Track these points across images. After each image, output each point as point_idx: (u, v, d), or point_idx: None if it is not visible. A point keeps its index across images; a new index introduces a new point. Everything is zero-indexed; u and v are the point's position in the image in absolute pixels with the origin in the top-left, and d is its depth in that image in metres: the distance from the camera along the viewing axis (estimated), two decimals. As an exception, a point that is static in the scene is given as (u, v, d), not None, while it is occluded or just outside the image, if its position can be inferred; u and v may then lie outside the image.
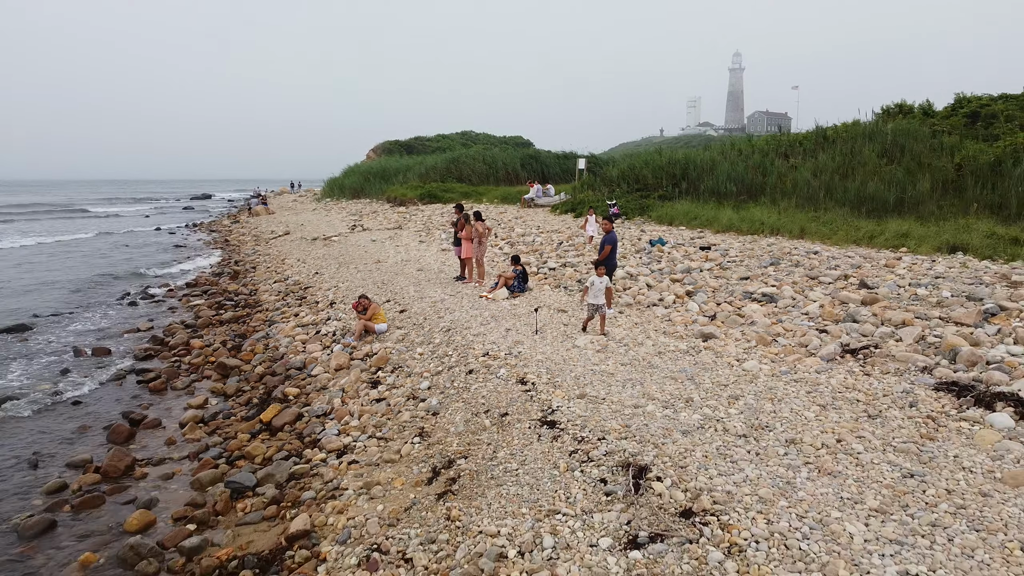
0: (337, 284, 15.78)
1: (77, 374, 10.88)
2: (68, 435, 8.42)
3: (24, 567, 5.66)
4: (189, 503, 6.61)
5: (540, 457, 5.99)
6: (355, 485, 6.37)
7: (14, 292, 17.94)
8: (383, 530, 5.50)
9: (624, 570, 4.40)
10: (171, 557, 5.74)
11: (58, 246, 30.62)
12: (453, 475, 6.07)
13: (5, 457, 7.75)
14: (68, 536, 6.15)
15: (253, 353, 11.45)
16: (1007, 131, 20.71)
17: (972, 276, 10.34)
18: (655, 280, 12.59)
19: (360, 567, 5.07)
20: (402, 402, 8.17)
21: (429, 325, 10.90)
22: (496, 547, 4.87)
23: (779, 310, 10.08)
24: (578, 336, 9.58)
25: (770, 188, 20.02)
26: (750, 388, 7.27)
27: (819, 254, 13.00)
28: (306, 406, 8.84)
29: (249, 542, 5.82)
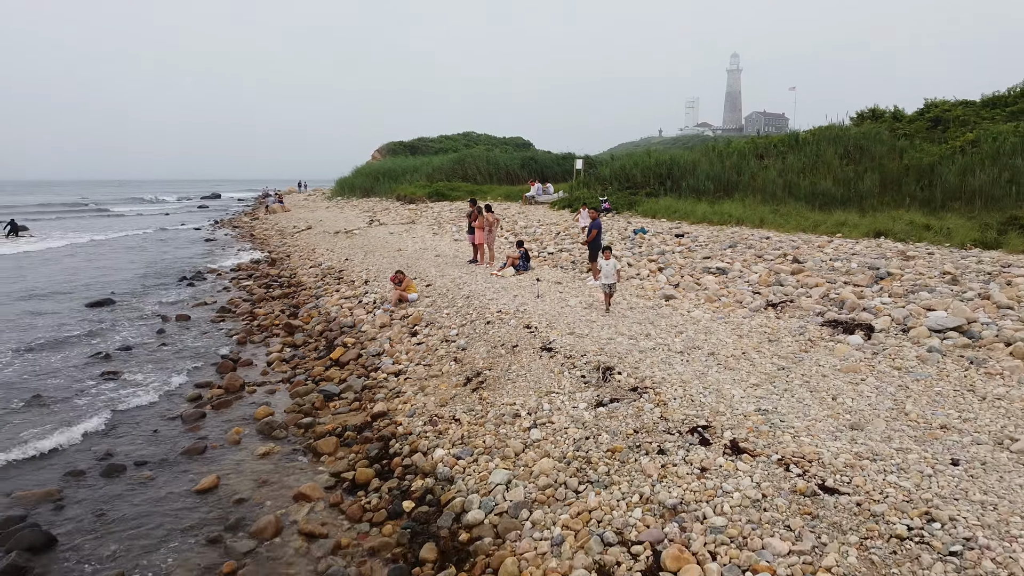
0: (367, 267, 18.54)
1: (172, 332, 13.64)
2: (187, 368, 11.20)
3: (194, 436, 8.43)
4: (293, 404, 9.38)
5: (541, 367, 8.77)
6: (412, 389, 9.16)
7: (87, 279, 20.69)
8: (437, 408, 8.29)
9: (593, 417, 7.15)
10: (292, 430, 8.52)
11: (105, 242, 33.35)
12: (481, 379, 8.85)
13: (151, 379, 10.53)
14: (216, 422, 8.93)
15: (310, 317, 14.23)
16: (952, 136, 23.52)
17: (879, 253, 13.11)
18: (635, 260, 15.37)
19: (425, 425, 7.86)
20: (437, 344, 10.93)
21: (452, 294, 13.66)
22: (513, 410, 7.65)
23: (728, 280, 12.85)
24: (571, 297, 12.36)
25: (743, 186, 22.77)
26: (692, 327, 10.05)
27: (770, 239, 15.78)
28: (363, 349, 11.61)
29: (345, 421, 8.60)
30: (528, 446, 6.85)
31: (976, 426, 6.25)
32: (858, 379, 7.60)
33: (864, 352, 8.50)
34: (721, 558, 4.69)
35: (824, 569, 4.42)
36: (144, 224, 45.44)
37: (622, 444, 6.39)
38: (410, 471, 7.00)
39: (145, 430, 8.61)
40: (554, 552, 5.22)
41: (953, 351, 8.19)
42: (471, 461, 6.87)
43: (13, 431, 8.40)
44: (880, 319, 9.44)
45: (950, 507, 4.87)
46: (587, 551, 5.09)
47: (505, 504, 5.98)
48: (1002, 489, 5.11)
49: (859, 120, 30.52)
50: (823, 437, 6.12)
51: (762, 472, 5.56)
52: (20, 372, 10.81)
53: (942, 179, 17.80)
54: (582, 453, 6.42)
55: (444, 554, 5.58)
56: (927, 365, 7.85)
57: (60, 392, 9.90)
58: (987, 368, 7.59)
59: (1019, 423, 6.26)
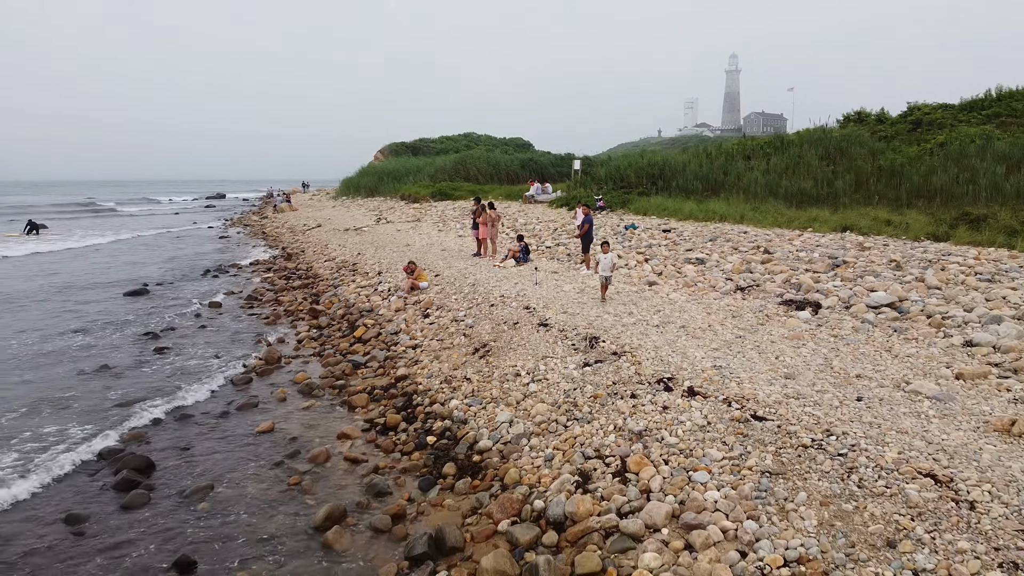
0: (379, 260, 20.11)
1: (207, 317, 15.22)
2: (228, 343, 12.77)
3: (246, 395, 9.99)
4: (326, 372, 10.95)
5: (538, 338, 10.33)
6: (428, 358, 10.74)
7: (118, 273, 22.26)
8: (450, 371, 9.86)
9: (580, 374, 8.71)
10: (328, 391, 10.09)
11: (126, 240, 34.93)
12: (488, 349, 10.42)
13: (199, 352, 12.12)
14: (262, 385, 10.51)
15: (331, 303, 15.81)
16: (924, 139, 25.11)
17: (841, 245, 14.69)
18: (624, 252, 16.94)
19: (442, 383, 9.44)
20: (448, 323, 12.50)
21: (459, 283, 15.23)
22: (514, 370, 9.22)
23: (705, 268, 14.43)
24: (565, 286, 13.93)
25: (729, 185, 24.34)
26: (669, 307, 11.63)
27: (747, 233, 17.35)
28: (382, 329, 13.19)
29: (372, 383, 10.18)
30: (527, 396, 8.42)
31: (884, 375, 7.82)
32: (800, 344, 9.18)
33: (810, 324, 10.08)
34: (671, 463, 6.27)
35: (747, 467, 5.98)
36: (157, 223, 47.01)
37: (603, 392, 7.96)
38: (431, 416, 8.58)
39: (200, 394, 10.17)
40: (547, 464, 6.80)
41: (883, 323, 9.77)
42: (481, 408, 8.45)
43: (92, 393, 9.97)
44: (829, 299, 11.01)
45: (845, 427, 6.44)
46: (572, 462, 6.67)
47: (509, 436, 7.55)
48: (888, 415, 6.68)
49: (845, 122, 32.11)
50: (762, 384, 7.68)
51: (710, 408, 7.13)
52: (84, 348, 12.39)
53: (908, 179, 19.36)
54: (570, 399, 7.99)
55: (461, 470, 7.17)
56: (859, 333, 9.43)
57: (123, 362, 11.48)
58: (906, 335, 9.17)
59: (917, 372, 7.83)
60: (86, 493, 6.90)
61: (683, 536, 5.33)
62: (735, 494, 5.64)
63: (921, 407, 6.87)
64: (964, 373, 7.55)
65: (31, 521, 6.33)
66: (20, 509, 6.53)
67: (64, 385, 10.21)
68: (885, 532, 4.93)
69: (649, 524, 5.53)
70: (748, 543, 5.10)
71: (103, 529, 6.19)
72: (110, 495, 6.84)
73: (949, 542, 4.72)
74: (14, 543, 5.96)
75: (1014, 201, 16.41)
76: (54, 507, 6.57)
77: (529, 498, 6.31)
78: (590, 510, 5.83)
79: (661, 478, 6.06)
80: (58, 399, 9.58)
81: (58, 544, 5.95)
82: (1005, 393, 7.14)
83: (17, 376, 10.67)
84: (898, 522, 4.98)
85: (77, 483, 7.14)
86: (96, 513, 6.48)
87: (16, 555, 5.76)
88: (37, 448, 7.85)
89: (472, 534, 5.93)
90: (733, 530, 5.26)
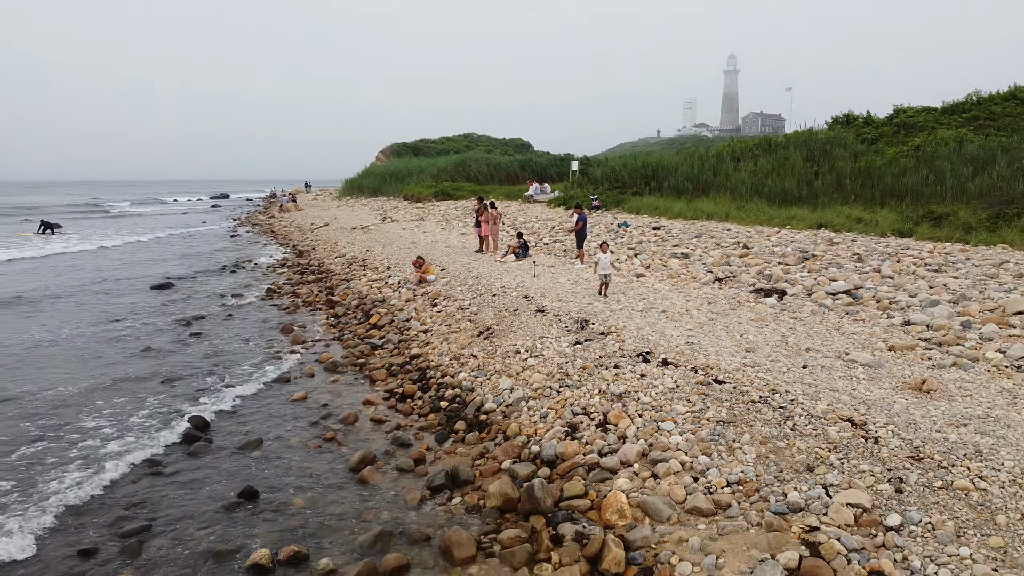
0: (387, 256, 21.45)
1: (232, 306, 16.56)
2: (255, 329, 14.12)
3: (278, 371, 11.34)
4: (347, 352, 12.30)
5: (535, 322, 11.68)
6: (438, 340, 12.09)
7: (141, 270, 23.61)
8: (458, 351, 11.21)
9: (572, 351, 10.05)
10: (351, 368, 11.44)
11: (142, 241, 36.26)
12: (491, 332, 11.77)
13: (231, 334, 13.47)
14: (292, 362, 11.86)
15: (346, 295, 17.15)
16: (906, 141, 26.47)
17: (812, 241, 16.05)
18: (616, 248, 18.29)
19: (451, 360, 10.80)
20: (455, 311, 13.84)
21: (463, 276, 16.57)
22: (515, 348, 10.57)
23: (689, 262, 15.78)
24: (561, 278, 15.29)
25: (717, 185, 25.70)
26: (653, 295, 12.98)
27: (731, 230, 18.70)
28: (395, 316, 14.53)
29: (389, 362, 11.53)
30: (526, 368, 9.77)
31: (829, 348, 9.17)
32: (763, 325, 10.53)
33: (775, 309, 11.43)
34: (644, 416, 7.61)
35: (705, 418, 7.32)
36: (169, 223, 48.29)
37: (591, 364, 9.30)
38: (443, 386, 9.94)
39: (239, 370, 11.51)
40: (542, 420, 8.15)
41: (838, 307, 11.12)
42: (486, 379, 9.80)
43: (143, 370, 11.32)
44: (795, 288, 12.37)
45: (789, 387, 7.78)
46: (562, 418, 8.02)
47: (510, 399, 8.90)
48: (825, 379, 8.03)
49: (833, 124, 33.48)
50: (725, 356, 9.03)
51: (680, 374, 8.47)
52: (127, 333, 13.74)
53: (882, 180, 20.71)
54: (563, 371, 9.34)
55: (470, 426, 8.52)
56: (815, 316, 10.79)
57: (164, 344, 12.84)
58: (856, 317, 10.53)
59: (858, 346, 9.19)
60: (157, 441, 8.25)
61: (650, 468, 6.67)
62: (694, 437, 6.99)
63: (855, 372, 8.22)
64: (895, 346, 8.90)
65: (119, 458, 7.67)
66: (111, 457, 7.87)
67: (118, 364, 11.57)
68: (807, 460, 6.28)
69: (624, 460, 6.88)
70: (700, 471, 6.44)
71: (177, 470, 7.54)
72: (177, 446, 8.19)
73: (854, 466, 6.07)
74: (106, 474, 7.30)
75: (976, 200, 17.76)
76: (139, 452, 7.91)
77: (527, 444, 7.67)
78: (576, 451, 7.19)
79: (635, 427, 7.41)
80: (118, 376, 10.92)
81: (144, 480, 7.30)
82: (927, 361, 8.49)
83: (77, 357, 12.03)
84: (818, 453, 6.33)
85: (150, 433, 8.49)
86: (169, 459, 7.83)
87: (116, 491, 7.10)
88: (114, 417, 9.20)
89: (480, 471, 7.29)
90: (690, 463, 6.60)
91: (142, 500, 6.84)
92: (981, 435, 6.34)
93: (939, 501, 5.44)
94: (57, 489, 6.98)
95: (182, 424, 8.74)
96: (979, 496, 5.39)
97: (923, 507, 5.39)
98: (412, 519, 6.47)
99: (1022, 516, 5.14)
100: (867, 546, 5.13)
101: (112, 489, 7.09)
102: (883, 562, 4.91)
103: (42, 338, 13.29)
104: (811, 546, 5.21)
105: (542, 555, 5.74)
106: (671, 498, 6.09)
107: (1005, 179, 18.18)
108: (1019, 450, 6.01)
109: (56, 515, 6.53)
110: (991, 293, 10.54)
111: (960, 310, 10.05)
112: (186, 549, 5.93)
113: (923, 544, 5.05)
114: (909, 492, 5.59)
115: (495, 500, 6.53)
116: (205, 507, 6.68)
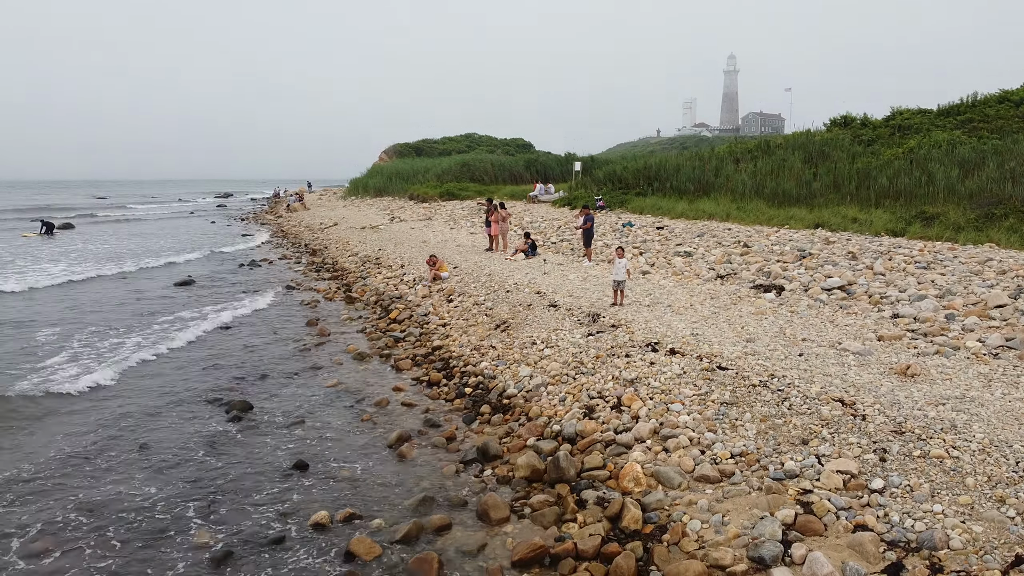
0: (400, 255, 22.22)
1: (257, 296, 17.32)
2: (281, 323, 14.89)
3: (307, 363, 12.11)
4: (371, 344, 13.07)
5: (549, 316, 12.45)
6: (457, 332, 12.86)
7: (163, 269, 24.37)
8: (478, 342, 11.98)
9: (585, 342, 10.82)
10: (377, 358, 12.21)
11: (163, 240, 37.02)
12: (507, 325, 12.54)
13: (263, 331, 14.25)
14: (320, 352, 12.63)
15: (363, 292, 17.92)
16: (902, 143, 27.23)
17: (810, 240, 16.83)
18: (622, 247, 19.07)
19: (472, 351, 11.57)
20: (471, 306, 14.61)
21: (476, 273, 17.34)
22: (530, 339, 11.34)
23: (692, 260, 16.55)
24: (570, 274, 16.06)
25: (718, 186, 26.48)
26: (659, 291, 13.75)
27: (731, 230, 19.47)
28: (413, 311, 15.30)
29: (413, 352, 12.30)
30: (543, 358, 10.54)
31: (824, 338, 9.95)
32: (762, 318, 11.31)
33: (773, 303, 12.21)
34: (655, 399, 8.38)
35: (711, 400, 8.09)
36: (182, 226, 48.25)
37: (603, 354, 10.08)
38: (466, 374, 10.71)
39: (272, 360, 12.28)
40: (561, 403, 8.92)
41: (833, 302, 11.90)
42: (506, 367, 10.58)
43: (186, 359, 12.08)
44: (792, 283, 13.15)
45: (786, 372, 8.55)
46: (579, 401, 8.80)
47: (530, 385, 9.68)
48: (819, 365, 8.81)
49: (831, 126, 34.25)
50: (727, 345, 9.80)
51: (686, 362, 9.24)
52: (171, 326, 14.50)
53: (876, 181, 21.49)
54: (577, 360, 10.11)
55: (495, 409, 9.30)
56: (811, 309, 11.57)
57: (199, 336, 13.59)
58: (849, 310, 11.31)
59: (850, 336, 9.96)
60: (207, 423, 9.02)
61: (661, 444, 7.44)
62: (700, 417, 7.76)
63: (846, 359, 9.00)
64: (884, 336, 9.68)
65: (176, 435, 8.45)
66: (166, 431, 8.65)
67: (165, 356, 12.35)
68: (802, 435, 7.05)
69: (637, 437, 7.66)
70: (707, 445, 7.22)
71: (230, 445, 8.31)
72: (227, 425, 8.96)
73: (843, 439, 6.85)
74: (166, 451, 8.07)
75: (967, 201, 18.54)
76: (192, 432, 8.69)
77: (548, 424, 8.45)
78: (594, 429, 7.97)
79: (647, 408, 8.18)
80: (155, 371, 11.69)
81: (196, 452, 8.07)
82: (912, 350, 9.26)
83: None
84: (811, 428, 7.11)
85: (200, 416, 9.27)
86: (220, 436, 8.60)
87: (172, 459, 7.87)
88: (171, 398, 9.99)
89: (508, 447, 8.07)
90: (697, 438, 7.38)
91: (202, 475, 7.60)
92: (957, 412, 7.11)
93: (917, 468, 6.21)
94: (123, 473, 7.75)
95: (224, 409, 9.50)
96: (952, 463, 6.17)
97: (903, 472, 6.16)
98: (450, 487, 7.25)
99: (988, 479, 5.91)
100: (854, 505, 5.90)
101: (171, 470, 7.83)
102: (867, 518, 5.68)
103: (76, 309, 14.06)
104: (805, 505, 5.98)
105: (568, 516, 6.51)
106: (681, 468, 6.86)
107: (994, 181, 18.95)
108: (989, 425, 6.79)
109: (126, 493, 7.31)
110: (975, 288, 11.31)
111: (945, 304, 10.83)
112: (254, 512, 6.70)
113: (902, 503, 5.82)
114: (891, 460, 6.36)
115: (523, 471, 7.30)
116: (262, 477, 7.45)
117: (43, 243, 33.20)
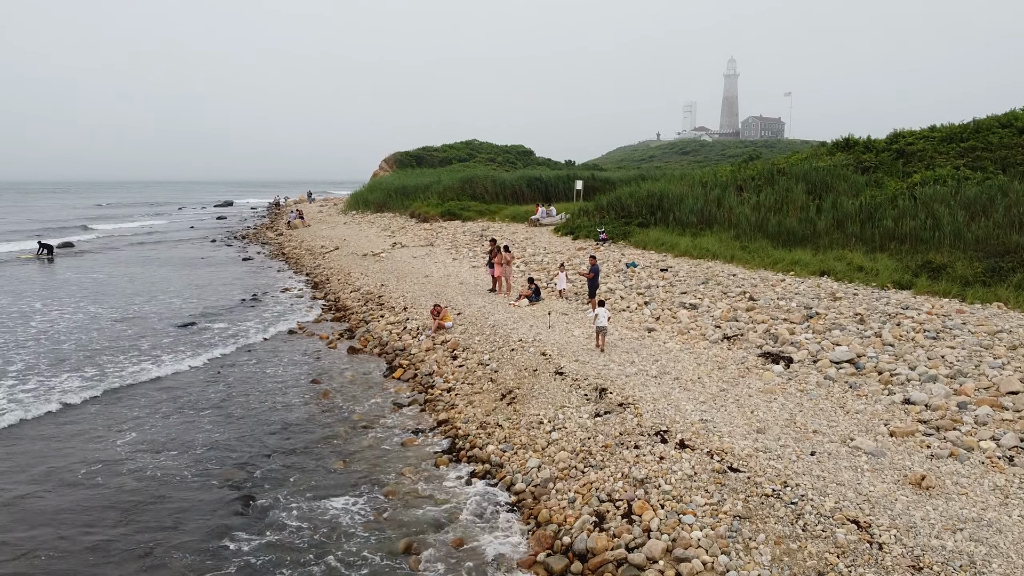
0: (403, 293, 22.10)
1: (261, 350, 17.22)
2: (282, 382, 14.79)
3: (316, 427, 12.00)
4: (376, 415, 12.97)
5: (555, 387, 12.35)
6: (463, 402, 12.77)
7: (161, 304, 24.23)
8: (484, 417, 11.89)
9: (592, 424, 10.73)
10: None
11: (165, 268, 36.88)
12: (513, 396, 12.44)
13: (268, 373, 14.16)
14: (329, 420, 12.53)
15: (367, 341, 17.82)
16: (906, 171, 27.13)
17: (815, 293, 16.73)
18: (626, 293, 18.98)
19: (478, 429, 11.47)
20: (475, 366, 14.51)
21: (479, 323, 17.24)
22: (538, 419, 11.24)
23: (697, 314, 16.46)
24: (575, 330, 15.96)
25: (721, 219, 26.37)
26: (665, 356, 13.65)
27: (736, 276, 19.38)
28: (417, 370, 15.19)
29: (419, 423, 12.20)
30: (550, 443, 10.45)
31: (835, 431, 9.86)
32: (772, 398, 11.22)
33: (782, 378, 12.11)
34: (666, 507, 8.28)
35: (723, 512, 8.00)
36: (185, 249, 45.72)
37: (611, 442, 9.98)
38: (473, 459, 10.62)
39: (286, 399, 12.18)
40: (570, 506, 8.82)
41: (841, 378, 11.80)
42: (512, 453, 10.48)
43: (204, 378, 11.99)
44: (800, 352, 13.05)
45: (798, 478, 8.46)
46: (589, 504, 8.70)
47: (538, 479, 9.58)
48: (832, 468, 8.71)
49: (833, 149, 34.18)
50: (737, 438, 9.70)
51: (696, 459, 9.14)
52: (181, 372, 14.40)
53: (881, 223, 21.37)
54: (586, 448, 10.01)
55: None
56: (820, 388, 11.48)
57: (202, 379, 13.50)
58: (858, 391, 11.21)
59: (861, 429, 9.87)
60: (218, 520, 8.94)
61: (675, 567, 7.34)
62: (713, 533, 7.67)
63: (859, 461, 8.90)
64: (896, 431, 9.59)
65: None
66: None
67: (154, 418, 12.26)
68: (817, 566, 6.96)
69: (649, 557, 7.56)
70: (721, 572, 7.12)
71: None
72: (239, 519, 8.87)
73: (861, 574, 6.75)
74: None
75: (973, 249, 18.44)
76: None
77: (559, 534, 8.35)
78: (606, 545, 7.87)
79: (658, 520, 8.08)
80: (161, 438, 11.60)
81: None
82: (925, 450, 9.17)
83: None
84: (827, 559, 7.01)
85: (212, 511, 9.18)
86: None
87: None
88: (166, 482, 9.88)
89: (517, 562, 7.96)
90: (711, 562, 7.28)
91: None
92: (975, 543, 7.02)
93: (937, 616, 6.12)
94: None
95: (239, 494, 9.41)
96: (972, 612, 6.08)
97: (922, 622, 6.07)
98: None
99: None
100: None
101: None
102: None
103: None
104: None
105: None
106: (696, 602, 6.76)
107: (1001, 227, 18.85)
108: (1009, 561, 6.70)
109: None
110: (986, 369, 11.22)
111: (957, 388, 10.73)
112: None
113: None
114: (910, 606, 6.27)
115: (534, 597, 7.21)
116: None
117: (40, 270, 33.08)
